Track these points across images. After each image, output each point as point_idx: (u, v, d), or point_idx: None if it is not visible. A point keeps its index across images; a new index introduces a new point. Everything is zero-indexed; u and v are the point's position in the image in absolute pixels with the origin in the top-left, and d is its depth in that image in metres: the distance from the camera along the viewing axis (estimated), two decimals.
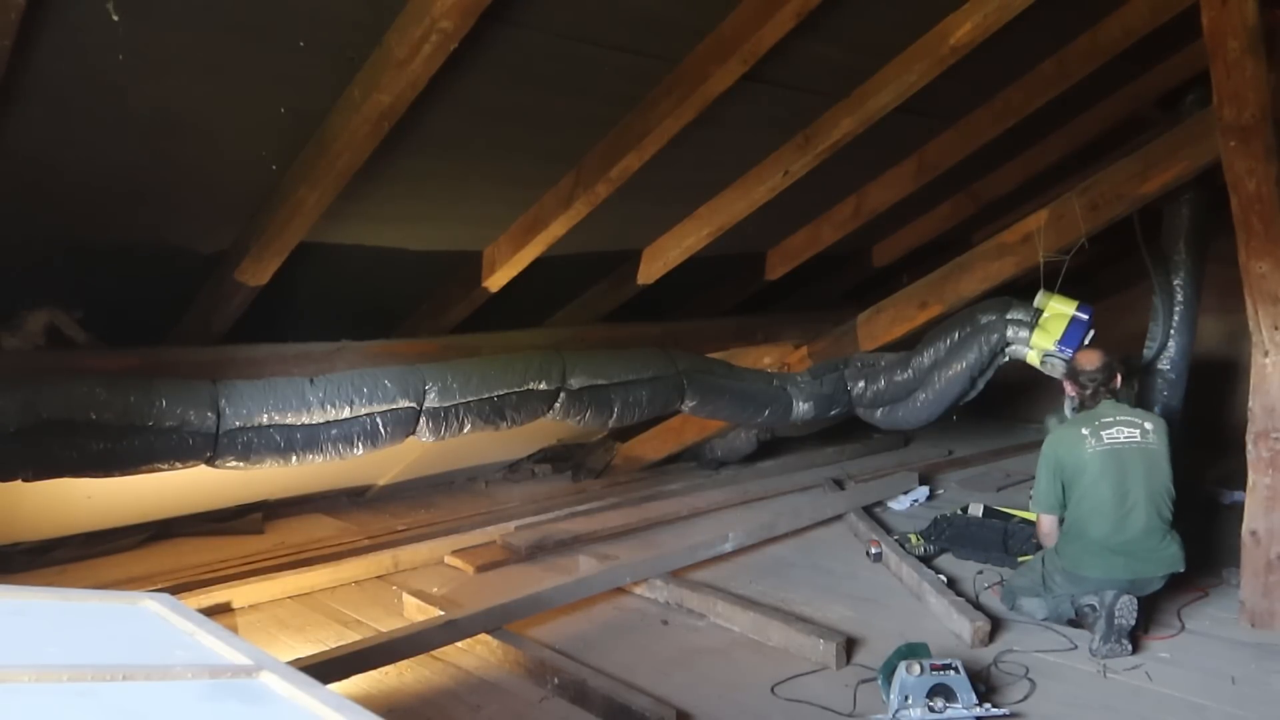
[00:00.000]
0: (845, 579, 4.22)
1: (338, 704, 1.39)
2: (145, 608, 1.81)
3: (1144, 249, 4.72)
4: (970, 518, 4.70)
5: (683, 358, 4.54)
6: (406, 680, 3.24)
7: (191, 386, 3.20)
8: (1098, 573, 3.46)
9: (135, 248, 3.31)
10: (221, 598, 3.84)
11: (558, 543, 4.63)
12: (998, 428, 7.06)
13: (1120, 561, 3.45)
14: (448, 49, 2.68)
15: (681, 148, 3.74)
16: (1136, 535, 3.47)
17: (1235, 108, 3.22)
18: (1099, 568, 3.47)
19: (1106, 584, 3.42)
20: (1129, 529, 3.47)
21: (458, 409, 3.74)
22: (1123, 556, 3.46)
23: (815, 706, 3.03)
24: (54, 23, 2.30)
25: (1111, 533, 3.47)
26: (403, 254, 4.00)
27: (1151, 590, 3.53)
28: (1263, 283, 3.44)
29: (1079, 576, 3.50)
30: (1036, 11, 3.49)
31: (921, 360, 4.65)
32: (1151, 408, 4.58)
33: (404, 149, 3.23)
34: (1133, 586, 3.43)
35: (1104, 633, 3.32)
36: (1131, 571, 3.45)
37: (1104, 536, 3.48)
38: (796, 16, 3.16)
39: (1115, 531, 3.48)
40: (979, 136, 4.90)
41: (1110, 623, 3.33)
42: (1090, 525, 3.52)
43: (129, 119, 2.73)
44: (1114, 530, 3.48)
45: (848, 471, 6.00)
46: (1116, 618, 3.33)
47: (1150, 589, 3.51)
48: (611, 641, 3.57)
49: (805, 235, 5.53)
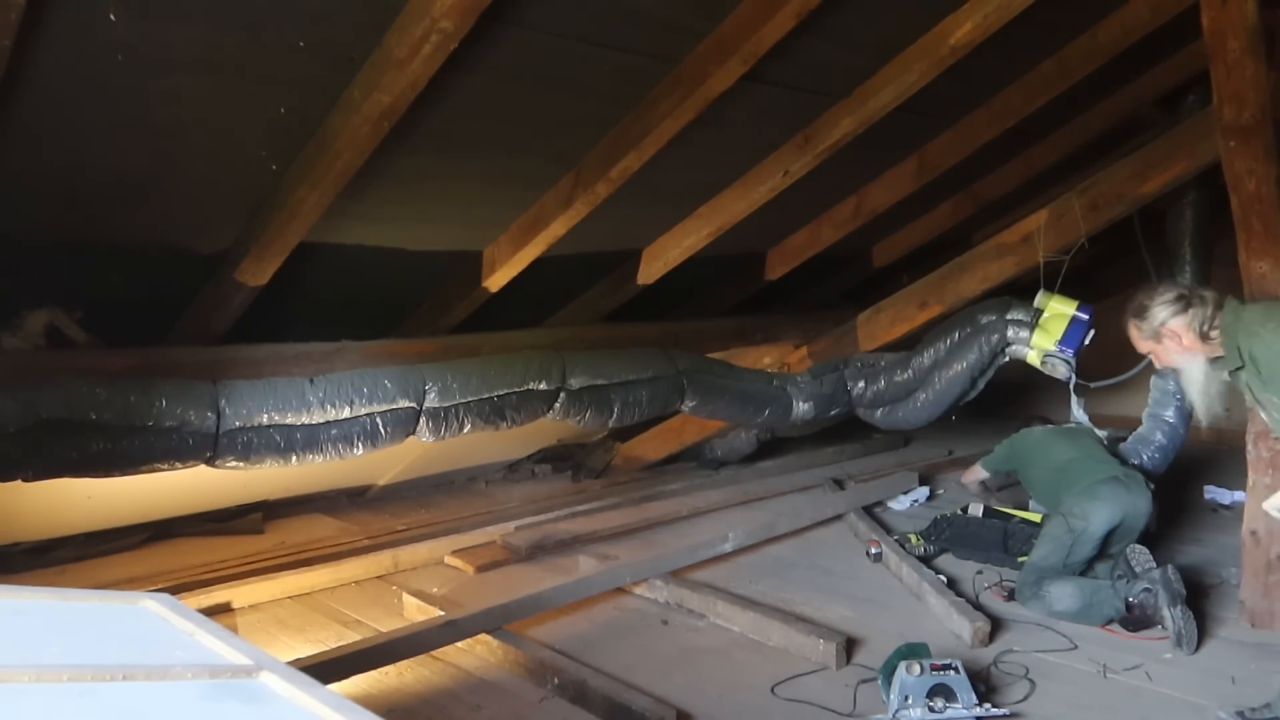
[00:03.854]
0: (845, 579, 4.22)
1: (338, 704, 1.39)
2: (145, 608, 1.81)
3: (1144, 249, 4.72)
4: (970, 518, 4.70)
5: (682, 358, 4.54)
6: (406, 680, 3.24)
7: (191, 386, 3.20)
8: (1107, 500, 3.73)
9: (135, 248, 3.31)
10: (221, 598, 3.84)
11: (558, 543, 4.63)
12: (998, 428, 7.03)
13: (1120, 489, 3.75)
14: (448, 49, 2.68)
15: (681, 148, 3.74)
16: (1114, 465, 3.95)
17: (1235, 108, 3.21)
18: (1105, 495, 3.75)
19: (1117, 513, 3.70)
20: (1104, 466, 3.92)
21: (458, 409, 3.74)
22: (1119, 485, 3.78)
23: (815, 706, 3.03)
24: (54, 23, 2.30)
25: (1096, 469, 3.91)
26: (403, 254, 4.00)
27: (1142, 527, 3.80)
28: (1263, 283, 3.43)
29: (1092, 510, 3.73)
30: (1036, 11, 3.48)
31: (921, 360, 4.65)
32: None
33: (404, 149, 3.23)
34: (1135, 519, 3.73)
35: (1169, 604, 3.38)
36: (1131, 498, 3.73)
37: (1092, 473, 3.89)
38: (796, 16, 3.15)
39: (1097, 467, 3.92)
40: (979, 136, 4.89)
41: (1172, 593, 3.39)
42: (1075, 473, 3.93)
43: (129, 119, 2.73)
44: (1095, 467, 3.92)
45: (848, 471, 6.01)
46: (1173, 583, 3.42)
47: (1142, 523, 3.78)
48: (611, 641, 3.57)
49: (805, 235, 5.53)
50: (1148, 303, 3.08)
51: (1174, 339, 3.03)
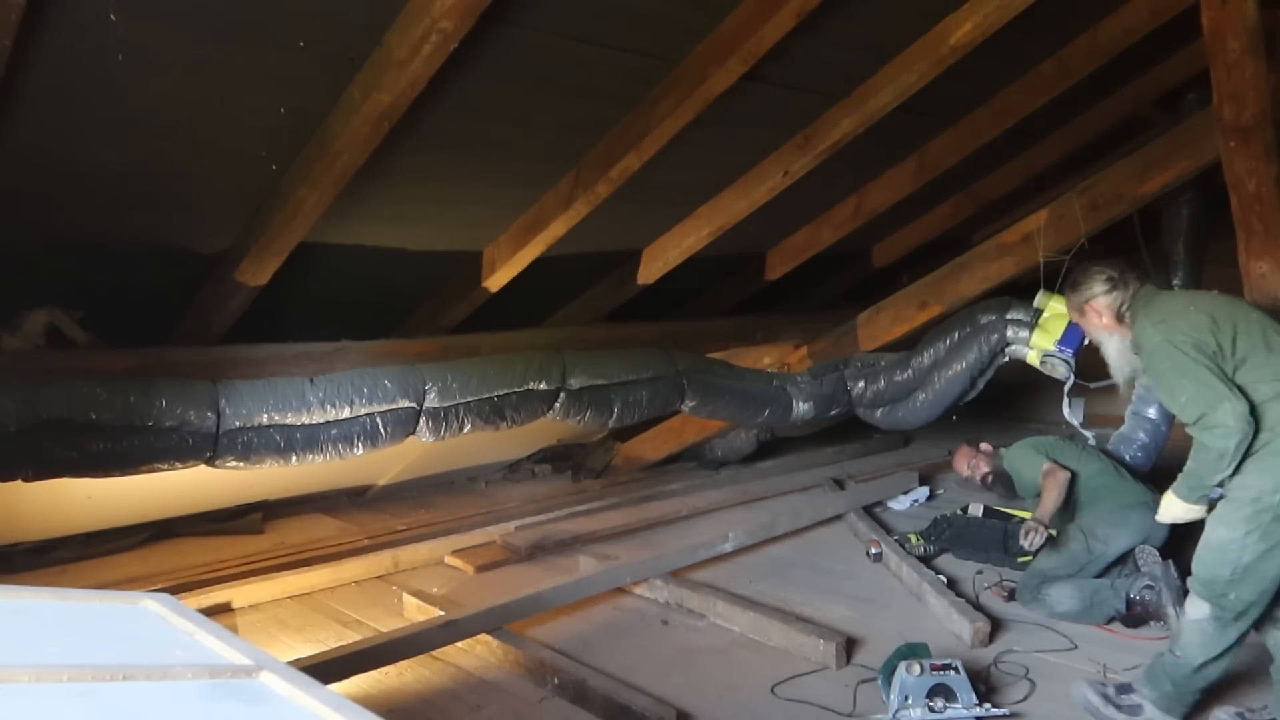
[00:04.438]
0: (845, 579, 4.22)
1: (338, 704, 1.39)
2: (145, 608, 1.81)
3: (1144, 249, 4.72)
4: (970, 518, 4.70)
5: (682, 358, 4.54)
6: (406, 680, 3.24)
7: (191, 386, 3.20)
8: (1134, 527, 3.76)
9: (135, 248, 3.31)
10: (221, 598, 3.84)
11: (558, 543, 4.63)
12: (998, 428, 7.05)
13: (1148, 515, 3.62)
14: (448, 49, 2.68)
15: (682, 148, 3.74)
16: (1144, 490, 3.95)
17: (1235, 108, 3.22)
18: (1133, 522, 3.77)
19: (1139, 538, 3.74)
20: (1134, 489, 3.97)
21: (458, 409, 3.74)
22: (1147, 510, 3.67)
23: (815, 706, 3.03)
24: (54, 23, 2.30)
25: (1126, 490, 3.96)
26: (403, 254, 4.00)
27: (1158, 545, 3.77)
28: (1263, 283, 3.44)
29: (1115, 535, 3.76)
30: (1036, 11, 3.48)
31: (921, 360, 4.65)
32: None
33: (404, 149, 3.23)
34: (1154, 541, 3.74)
35: (1173, 601, 3.38)
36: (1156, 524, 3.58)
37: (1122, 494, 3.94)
38: (796, 16, 3.16)
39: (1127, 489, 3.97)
40: (979, 136, 4.90)
41: (1175, 590, 3.39)
42: (1104, 491, 3.94)
43: (129, 119, 2.73)
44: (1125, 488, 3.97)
45: (848, 471, 6.01)
46: (1175, 580, 3.42)
47: (1158, 542, 3.76)
48: (611, 641, 3.57)
49: (805, 235, 5.53)
50: (1082, 279, 3.26)
51: (1096, 315, 3.19)
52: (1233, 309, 2.87)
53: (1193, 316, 2.84)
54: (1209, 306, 2.88)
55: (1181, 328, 2.81)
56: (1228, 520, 2.68)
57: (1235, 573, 2.65)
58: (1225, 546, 2.66)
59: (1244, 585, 2.65)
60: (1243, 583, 2.65)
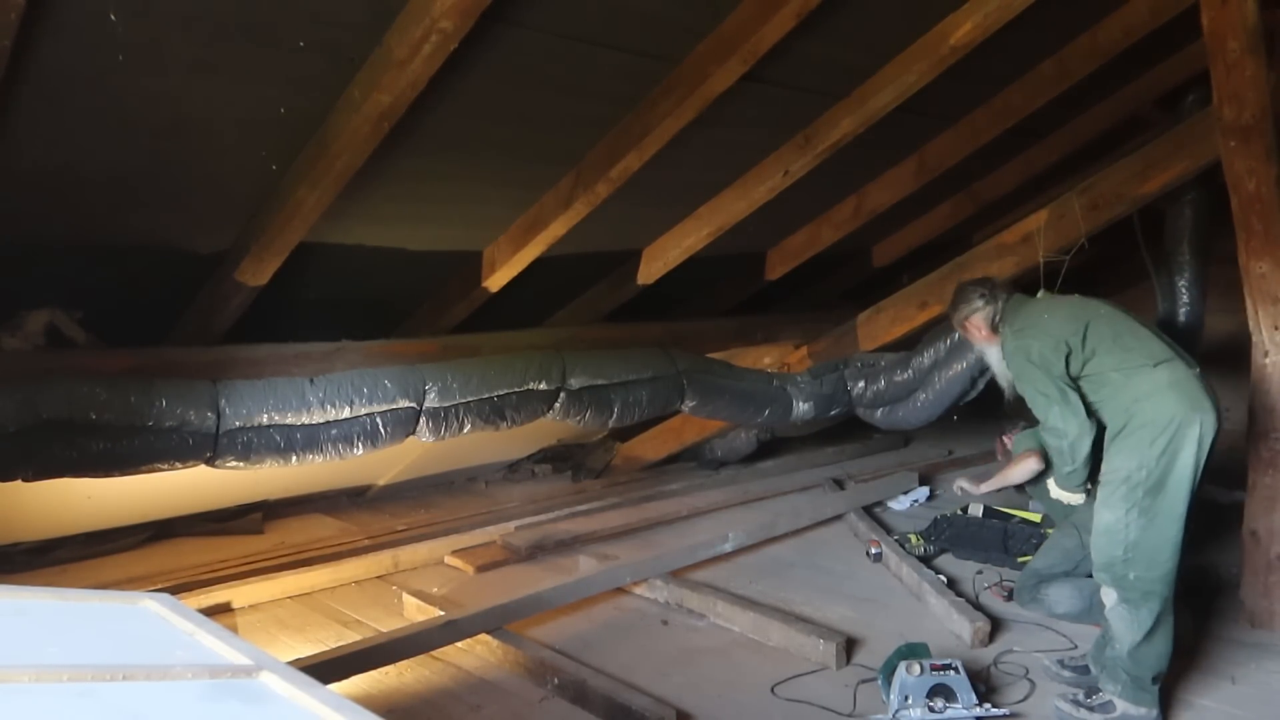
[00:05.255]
0: (845, 579, 4.22)
1: (338, 704, 1.39)
2: (145, 608, 1.81)
3: (1144, 249, 4.72)
4: (970, 518, 4.70)
5: (683, 358, 4.54)
6: (406, 680, 3.24)
7: (191, 386, 3.20)
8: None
9: (135, 248, 3.31)
10: (221, 598, 3.84)
11: (558, 543, 4.63)
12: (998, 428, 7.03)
13: None
14: (448, 49, 2.68)
15: (682, 148, 3.74)
16: None
17: (1235, 108, 3.21)
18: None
19: None
20: None
21: (458, 409, 3.74)
22: None
23: (815, 706, 3.03)
24: (54, 23, 2.30)
25: None
26: (403, 254, 4.01)
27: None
28: (1263, 283, 3.44)
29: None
30: (1036, 11, 3.49)
31: (921, 360, 4.65)
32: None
33: (404, 149, 3.23)
34: None
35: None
36: None
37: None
38: (796, 16, 3.16)
39: None
40: (979, 136, 4.90)
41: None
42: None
43: (129, 119, 2.73)
44: None
45: (848, 471, 6.01)
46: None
47: None
48: (611, 641, 3.57)
49: (805, 235, 5.53)
50: (959, 296, 3.52)
51: (976, 330, 3.48)
52: (1085, 309, 3.15)
53: (1046, 323, 3.12)
54: (1064, 311, 3.18)
55: (1034, 334, 3.11)
56: (1109, 503, 2.87)
57: (1128, 551, 2.82)
58: (1112, 529, 2.85)
59: (1138, 563, 2.81)
60: (1136, 561, 2.81)
